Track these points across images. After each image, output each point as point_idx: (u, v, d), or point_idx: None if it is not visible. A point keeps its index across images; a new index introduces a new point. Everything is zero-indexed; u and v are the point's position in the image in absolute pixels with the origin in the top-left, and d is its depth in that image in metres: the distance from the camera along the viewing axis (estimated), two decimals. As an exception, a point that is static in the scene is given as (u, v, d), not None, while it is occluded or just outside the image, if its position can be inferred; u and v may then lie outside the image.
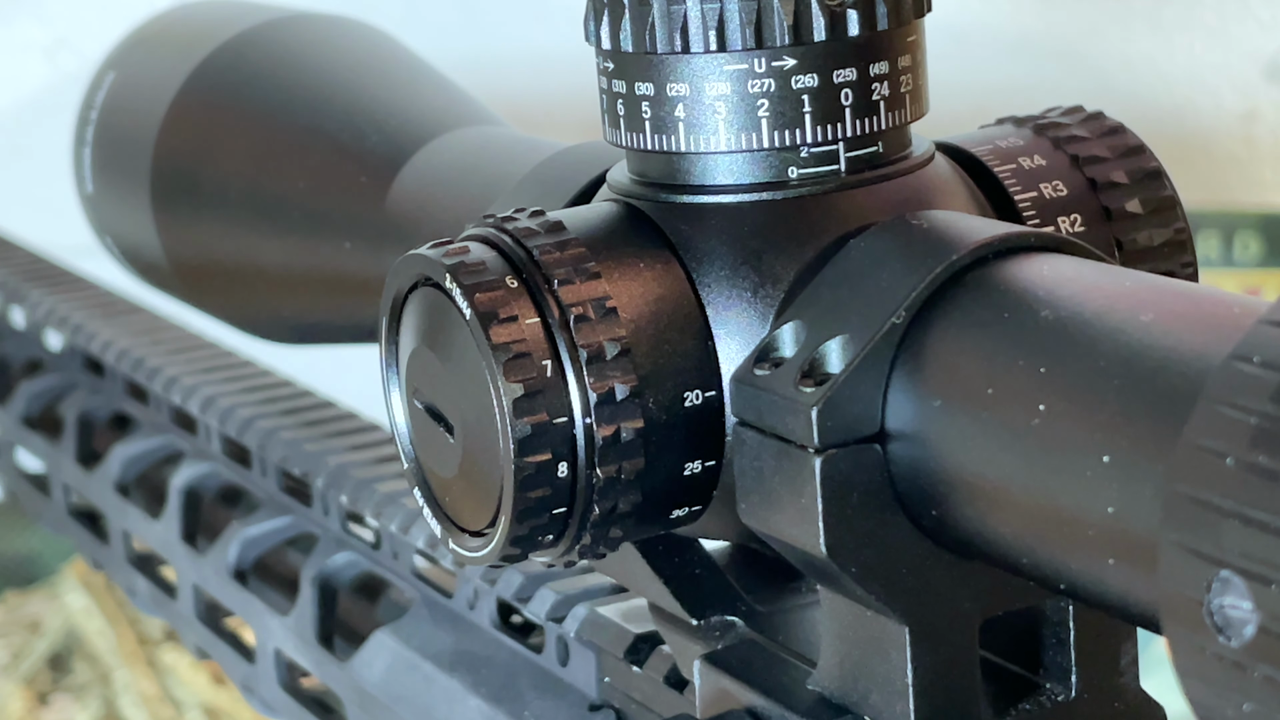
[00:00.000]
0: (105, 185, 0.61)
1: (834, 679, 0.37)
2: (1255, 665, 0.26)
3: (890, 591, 0.34)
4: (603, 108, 0.39)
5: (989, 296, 0.34)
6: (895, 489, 0.34)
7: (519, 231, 0.37)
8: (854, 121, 0.37)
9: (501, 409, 0.36)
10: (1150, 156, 0.40)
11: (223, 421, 0.62)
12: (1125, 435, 0.30)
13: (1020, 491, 0.32)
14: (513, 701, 0.47)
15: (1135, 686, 0.37)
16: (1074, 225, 0.39)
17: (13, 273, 0.78)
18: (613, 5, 0.37)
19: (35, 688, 1.13)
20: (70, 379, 0.74)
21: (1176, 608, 0.27)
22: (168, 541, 0.63)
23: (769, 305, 0.37)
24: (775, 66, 0.36)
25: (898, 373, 0.34)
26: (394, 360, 0.39)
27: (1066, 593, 0.33)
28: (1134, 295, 0.32)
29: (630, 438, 0.36)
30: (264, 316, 0.57)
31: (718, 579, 0.41)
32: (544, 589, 0.47)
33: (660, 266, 0.37)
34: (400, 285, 0.38)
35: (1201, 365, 0.29)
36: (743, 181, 0.37)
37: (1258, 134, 1.27)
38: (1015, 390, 0.32)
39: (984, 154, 0.40)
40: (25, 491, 0.76)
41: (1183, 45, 1.26)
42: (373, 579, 0.57)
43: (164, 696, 1.11)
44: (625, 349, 0.36)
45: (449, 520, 0.39)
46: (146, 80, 0.60)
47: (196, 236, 0.57)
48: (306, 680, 0.58)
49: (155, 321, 0.71)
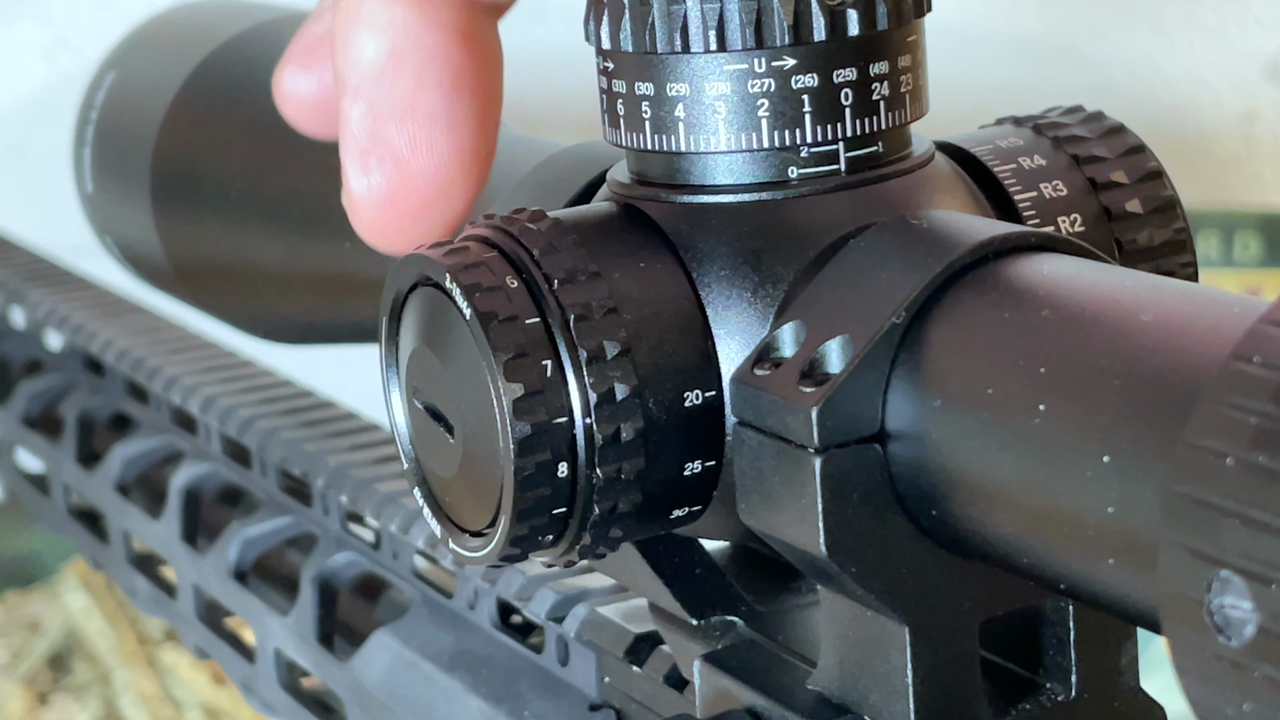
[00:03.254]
0: (105, 185, 0.61)
1: (834, 679, 0.37)
2: (1255, 665, 0.26)
3: (890, 591, 0.34)
4: (603, 108, 0.39)
5: (989, 296, 0.34)
6: (895, 489, 0.34)
7: (519, 232, 0.37)
8: (854, 121, 0.37)
9: (501, 409, 0.36)
10: (1150, 156, 0.40)
11: (223, 421, 0.62)
12: (1125, 435, 0.30)
13: (1020, 491, 0.32)
14: (513, 701, 0.47)
15: (1135, 686, 0.37)
16: (1074, 225, 0.39)
17: (13, 273, 0.78)
18: (613, 5, 0.37)
19: (35, 688, 1.13)
20: (70, 379, 0.74)
21: (1176, 608, 0.27)
22: (168, 541, 0.63)
23: (769, 305, 0.37)
24: (775, 66, 0.36)
25: (898, 373, 0.34)
26: (394, 360, 0.39)
27: (1066, 593, 0.33)
28: (1134, 295, 0.32)
29: (630, 438, 0.36)
30: (264, 316, 0.57)
31: (718, 579, 0.41)
32: (544, 589, 0.47)
33: (660, 266, 0.37)
34: (400, 285, 0.38)
35: (1201, 365, 0.29)
36: (743, 181, 0.37)
37: (1258, 134, 1.27)
38: (1015, 390, 0.32)
39: (984, 154, 0.40)
40: (25, 491, 0.76)
41: (1183, 45, 1.26)
42: (373, 579, 0.57)
43: (164, 696, 1.11)
44: (625, 349, 0.36)
45: (449, 520, 0.39)
46: (146, 80, 0.60)
47: (196, 236, 0.57)
48: (306, 680, 0.58)
49: (155, 321, 0.71)
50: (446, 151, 0.40)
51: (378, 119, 0.40)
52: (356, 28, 0.40)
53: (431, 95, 0.40)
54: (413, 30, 0.40)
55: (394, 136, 0.40)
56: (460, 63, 0.40)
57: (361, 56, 0.40)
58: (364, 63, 0.40)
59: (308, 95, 0.44)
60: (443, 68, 0.40)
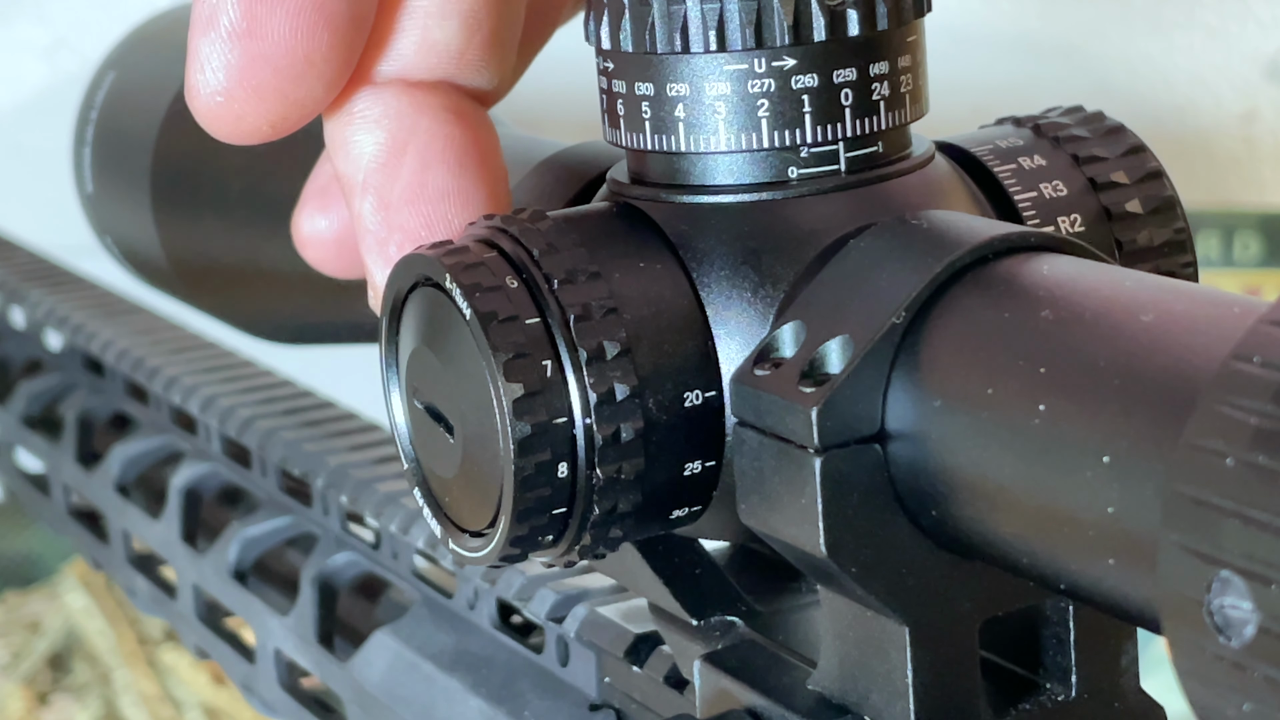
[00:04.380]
0: (105, 185, 0.61)
1: (834, 679, 0.37)
2: (1255, 665, 0.26)
3: (890, 591, 0.34)
4: (603, 108, 0.39)
5: (989, 296, 0.34)
6: (895, 489, 0.34)
7: (519, 231, 0.37)
8: (854, 121, 0.37)
9: (501, 409, 0.36)
10: (1150, 156, 0.40)
11: (223, 421, 0.62)
12: (1125, 435, 0.30)
13: (1020, 491, 0.32)
14: (513, 701, 0.47)
15: (1135, 686, 0.37)
16: (1074, 225, 0.39)
17: (13, 273, 0.78)
18: (613, 5, 0.37)
19: (35, 688, 1.13)
20: (70, 379, 0.74)
21: (1176, 608, 0.27)
22: (168, 541, 0.63)
23: (769, 305, 0.37)
24: (775, 66, 0.36)
25: (898, 373, 0.34)
26: (394, 360, 0.39)
27: (1066, 593, 0.33)
28: (1134, 295, 0.32)
29: (630, 438, 0.36)
30: (264, 316, 0.57)
31: (718, 579, 0.41)
32: (544, 589, 0.47)
33: (660, 266, 0.37)
34: (400, 285, 0.38)
35: (1201, 365, 0.29)
36: (743, 181, 0.37)
37: (1258, 134, 1.27)
38: (1015, 390, 0.32)
39: (984, 154, 0.40)
40: (25, 491, 0.76)
41: (1183, 45, 1.26)
42: (373, 579, 0.57)
43: (164, 696, 1.11)
44: (625, 349, 0.36)
45: (449, 520, 0.39)
46: (146, 80, 0.60)
47: (196, 236, 0.57)
48: (306, 680, 0.58)
49: (155, 321, 0.71)
50: (464, 224, 0.39)
51: (390, 207, 0.39)
52: (351, 128, 0.40)
53: (438, 174, 0.39)
54: (408, 117, 0.39)
55: (409, 220, 0.39)
56: (460, 140, 0.40)
57: (362, 153, 0.39)
58: (366, 158, 0.39)
59: (328, 235, 0.44)
60: (445, 146, 0.39)
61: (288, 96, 0.38)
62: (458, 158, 0.39)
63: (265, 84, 0.38)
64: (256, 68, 0.38)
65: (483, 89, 0.40)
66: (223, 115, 0.39)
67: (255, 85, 0.38)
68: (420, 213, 0.39)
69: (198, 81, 0.38)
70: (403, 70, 0.39)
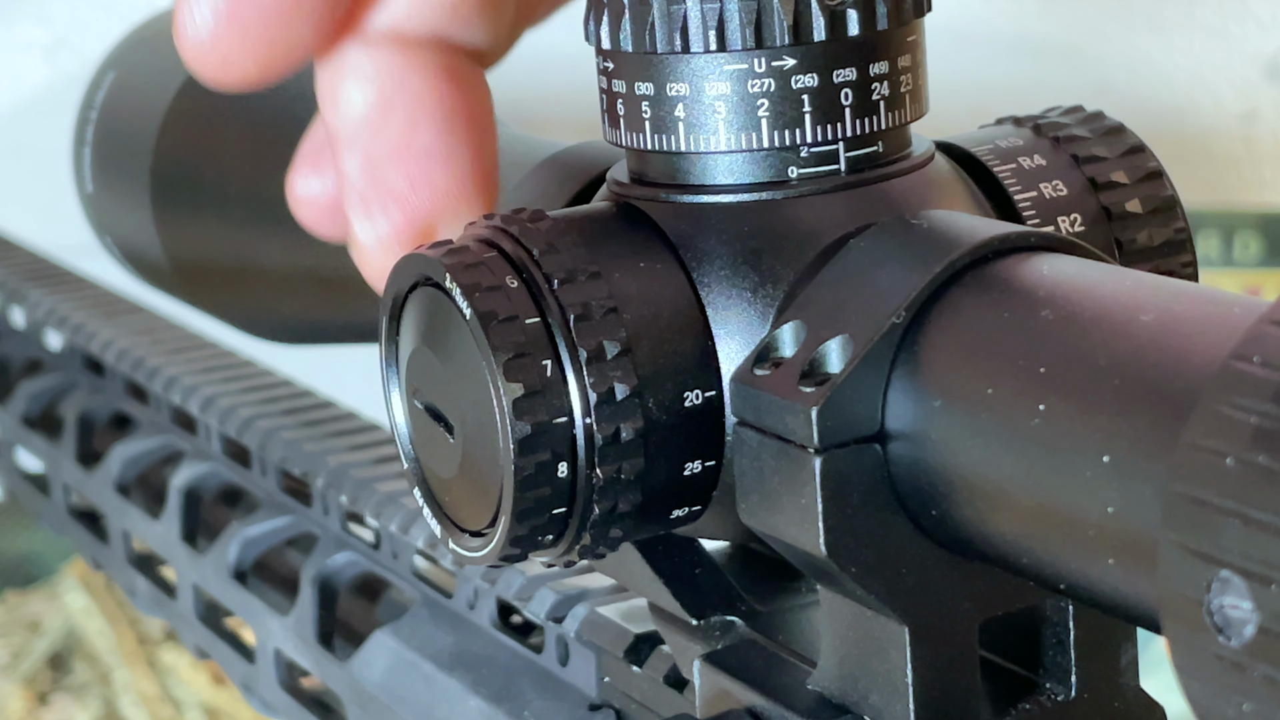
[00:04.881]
0: (105, 185, 0.61)
1: (834, 679, 0.37)
2: (1255, 665, 0.26)
3: (890, 591, 0.34)
4: (603, 108, 0.39)
5: (989, 296, 0.34)
6: (895, 489, 0.34)
7: (519, 231, 0.37)
8: (854, 121, 0.37)
9: (501, 409, 0.36)
10: (1150, 156, 0.40)
11: (223, 421, 0.62)
12: (1125, 435, 0.30)
13: (1020, 491, 0.32)
14: (513, 701, 0.47)
15: (1135, 686, 0.37)
16: (1074, 225, 0.39)
17: (13, 273, 0.78)
18: (612, 5, 0.37)
19: (35, 688, 1.13)
20: (70, 379, 0.74)
21: (1176, 608, 0.27)
22: (168, 541, 0.63)
23: (769, 305, 0.37)
24: (775, 66, 0.36)
25: (898, 373, 0.34)
26: (394, 360, 0.39)
27: (1066, 593, 0.33)
28: (1134, 295, 0.32)
29: (630, 438, 0.36)
30: (264, 316, 0.57)
31: (718, 579, 0.41)
32: (544, 589, 0.47)
33: (660, 266, 0.37)
34: (400, 285, 0.38)
35: (1201, 365, 0.29)
36: (743, 181, 0.37)
37: (1258, 134, 1.27)
38: (1015, 390, 0.32)
39: (984, 154, 0.40)
40: (25, 491, 0.76)
41: (1183, 45, 1.26)
42: (373, 579, 0.57)
43: (164, 696, 1.11)
44: (625, 349, 0.36)
45: (449, 520, 0.39)
46: (146, 80, 0.60)
47: (196, 236, 0.57)
48: (306, 680, 0.58)
49: (155, 321, 0.71)
50: (448, 186, 0.40)
51: (375, 164, 0.40)
52: (342, 80, 0.40)
53: (425, 133, 0.40)
54: (399, 75, 0.40)
55: (393, 178, 0.40)
56: (450, 100, 0.40)
57: (351, 107, 0.40)
58: (354, 112, 0.40)
59: (322, 197, 0.44)
60: (433, 106, 0.40)
61: (275, 39, 0.39)
62: (446, 117, 0.40)
63: (252, 26, 0.38)
64: (243, 9, 0.38)
65: (478, 46, 0.40)
66: (210, 58, 0.39)
67: (242, 27, 0.38)
68: (404, 172, 0.40)
69: (185, 23, 0.39)
70: (394, 23, 0.40)
